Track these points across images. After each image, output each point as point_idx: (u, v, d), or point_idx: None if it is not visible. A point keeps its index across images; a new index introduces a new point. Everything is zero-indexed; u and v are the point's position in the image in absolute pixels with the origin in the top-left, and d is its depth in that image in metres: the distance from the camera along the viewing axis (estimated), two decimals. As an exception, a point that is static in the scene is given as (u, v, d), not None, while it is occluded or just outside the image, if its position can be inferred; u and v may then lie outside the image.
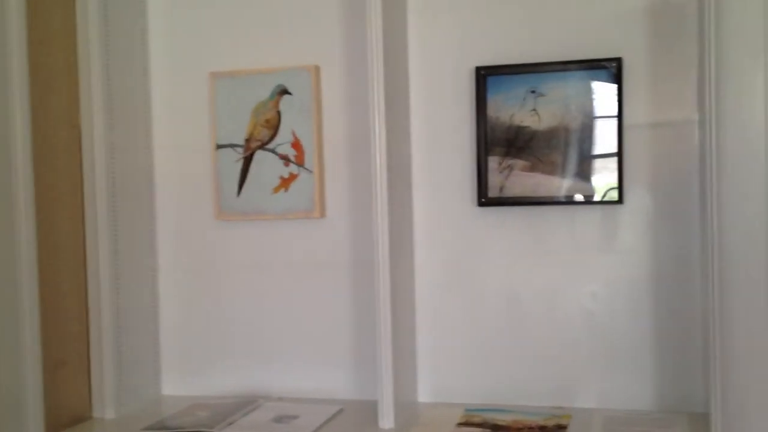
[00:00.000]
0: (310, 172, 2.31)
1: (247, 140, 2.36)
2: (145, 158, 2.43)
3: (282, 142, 2.34)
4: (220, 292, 2.45)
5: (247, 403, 2.29)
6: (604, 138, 2.10)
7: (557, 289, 2.19)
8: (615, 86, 2.08)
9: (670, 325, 2.11)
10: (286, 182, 2.34)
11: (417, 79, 2.26)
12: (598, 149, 2.11)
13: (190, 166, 2.45)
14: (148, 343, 2.45)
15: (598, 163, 2.11)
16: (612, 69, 2.08)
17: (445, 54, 2.24)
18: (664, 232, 2.11)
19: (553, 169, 2.14)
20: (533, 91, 2.14)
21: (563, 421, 2.03)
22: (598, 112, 2.10)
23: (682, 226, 2.09)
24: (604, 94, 2.09)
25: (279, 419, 2.15)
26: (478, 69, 2.18)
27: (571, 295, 2.18)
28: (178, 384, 2.49)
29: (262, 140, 2.35)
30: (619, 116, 2.08)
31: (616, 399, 2.15)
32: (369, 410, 2.16)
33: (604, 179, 2.10)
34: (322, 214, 2.33)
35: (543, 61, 2.13)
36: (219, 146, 2.39)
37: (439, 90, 2.25)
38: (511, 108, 2.16)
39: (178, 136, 2.45)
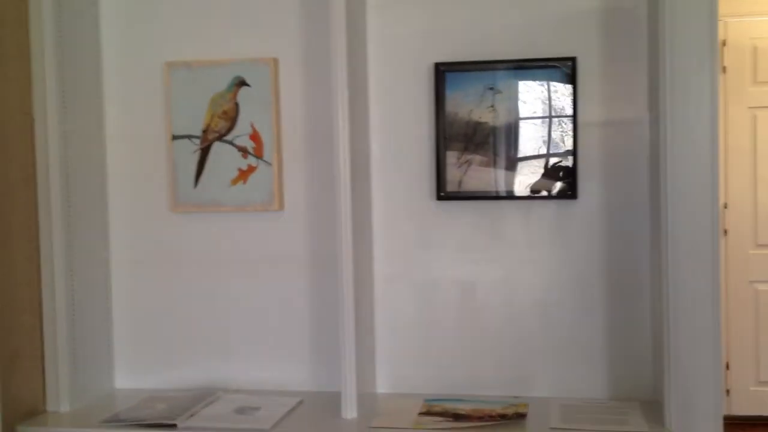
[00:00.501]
0: (269, 164, 2.32)
1: (204, 131, 2.35)
2: (98, 149, 2.39)
3: (240, 133, 2.33)
4: (175, 285, 2.43)
5: (205, 396, 2.28)
6: (560, 135, 2.17)
7: (512, 281, 2.26)
8: (570, 85, 2.15)
9: (621, 317, 2.20)
10: (244, 174, 2.34)
11: (376, 73, 2.29)
12: (553, 146, 2.17)
13: (145, 157, 2.41)
14: (102, 336, 2.41)
15: (552, 159, 2.18)
16: (566, 68, 2.15)
17: (405, 49, 2.27)
18: (616, 226, 2.19)
19: (509, 164, 2.20)
20: (491, 88, 2.20)
21: (521, 410, 2.10)
22: (553, 110, 2.17)
23: (633, 221, 2.18)
24: (559, 93, 2.16)
25: (241, 410, 2.16)
26: (438, 65, 2.22)
27: (525, 287, 2.25)
28: (132, 378, 2.46)
29: (220, 132, 2.34)
30: (574, 114, 2.16)
31: (570, 388, 2.23)
32: (329, 401, 2.20)
33: (559, 175, 2.18)
34: (281, 207, 2.34)
35: (501, 59, 2.19)
36: (175, 137, 2.36)
37: (399, 85, 2.28)
38: (470, 104, 2.21)
39: (133, 127, 2.41)
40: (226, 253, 2.39)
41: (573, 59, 2.15)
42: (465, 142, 2.22)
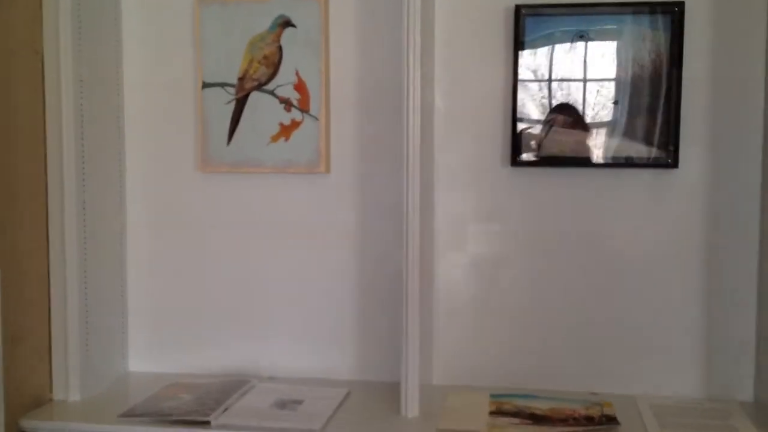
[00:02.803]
0: (316, 119, 2.00)
1: (241, 79, 2.02)
2: (115, 97, 2.06)
3: (283, 83, 2.00)
4: (202, 255, 2.11)
5: (237, 384, 1.97)
6: (661, 94, 1.85)
7: (593, 262, 1.96)
8: (675, 34, 1.83)
9: (720, 306, 1.91)
10: (286, 130, 2.01)
11: (444, 15, 1.95)
12: (652, 107, 1.86)
13: (170, 108, 2.09)
14: (116, 312, 2.10)
15: (650, 122, 1.87)
16: (673, 14, 1.83)
17: (479, -12, 1.95)
18: (720, 202, 1.89)
19: (599, 126, 1.89)
20: (582, 36, 1.88)
21: (608, 411, 1.80)
22: (655, 63, 1.85)
23: (742, 197, 1.88)
24: (662, 43, 1.84)
25: (281, 404, 1.85)
26: (518, 7, 1.89)
27: (608, 269, 1.95)
28: (149, 360, 2.15)
29: (260, 80, 2.01)
30: (679, 68, 1.84)
31: (655, 384, 1.95)
32: (380, 394, 1.93)
33: (658, 140, 1.87)
34: (328, 169, 2.02)
35: (594, 1, 1.87)
36: (206, 85, 2.04)
37: (471, 30, 1.95)
38: (556, 54, 1.89)
39: (157, 72, 2.08)
40: (262, 220, 2.07)
41: (681, 4, 1.83)
42: (547, 98, 1.90)
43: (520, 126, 1.91)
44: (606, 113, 1.88)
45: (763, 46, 1.83)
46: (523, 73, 1.90)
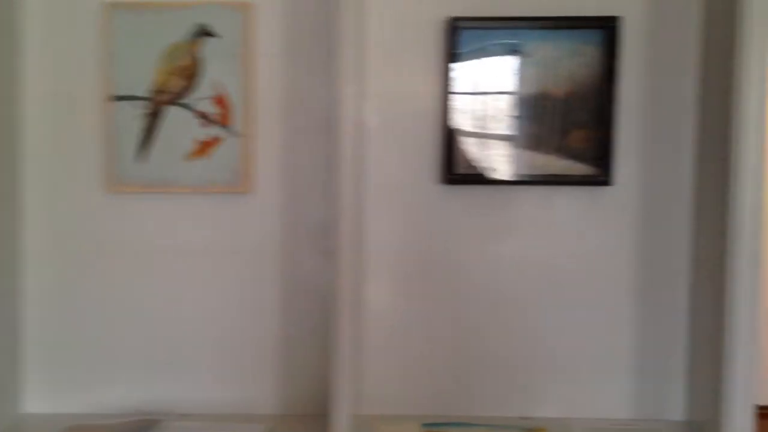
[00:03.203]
0: (238, 135, 1.87)
1: (155, 92, 1.87)
2: (10, 110, 1.87)
3: (202, 96, 1.87)
4: (108, 284, 1.93)
5: (144, 425, 1.80)
6: (596, 109, 1.82)
7: (525, 285, 1.89)
8: (610, 50, 1.81)
9: (651, 328, 1.88)
10: (205, 147, 1.87)
11: (375, 27, 1.86)
12: (587, 122, 1.82)
13: (74, 122, 1.90)
14: (6, 348, 1.89)
15: (585, 138, 1.83)
16: (608, 30, 1.80)
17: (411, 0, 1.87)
18: (653, 220, 1.87)
19: (533, 142, 1.84)
20: (516, 51, 1.83)
21: (544, 437, 1.74)
22: (590, 79, 1.82)
23: (674, 215, 1.86)
24: (597, 59, 1.81)
25: (199, 445, 1.70)
26: (452, 20, 1.83)
27: (540, 291, 1.89)
28: (47, 400, 1.95)
29: (175, 93, 1.87)
30: (614, 84, 1.81)
31: (586, 406, 1.90)
32: (304, 428, 1.81)
33: (592, 157, 1.83)
34: (250, 189, 1.89)
35: (528, 15, 1.82)
36: (116, 98, 1.88)
37: (403, 43, 1.86)
38: (489, 68, 1.83)
39: (59, 83, 1.90)
40: (176, 244, 1.92)
41: (616, 19, 1.81)
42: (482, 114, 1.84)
43: (454, 142, 1.84)
44: (540, 129, 1.83)
45: (697, 63, 1.82)
46: (457, 86, 1.83)
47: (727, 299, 1.61)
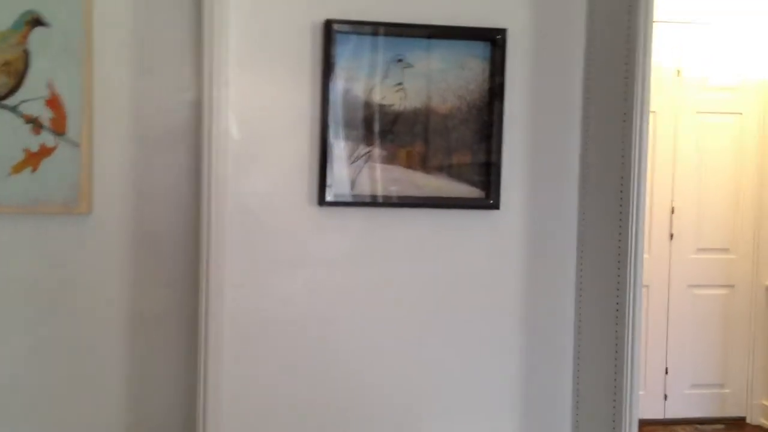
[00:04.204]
0: (75, 145, 1.57)
1: (-30, 91, 1.55)
2: None
3: (30, 97, 1.56)
4: None
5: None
6: (481, 127, 1.68)
7: (409, 315, 1.73)
8: (497, 64, 1.68)
9: (536, 360, 1.78)
10: (34, 158, 1.57)
11: (241, 27, 1.62)
12: (472, 141, 1.68)
13: None
14: None
15: (471, 158, 1.69)
16: (494, 42, 1.67)
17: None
18: (540, 244, 1.76)
19: (417, 162, 1.67)
20: (400, 60, 1.66)
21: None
22: (476, 93, 1.68)
23: (561, 238, 1.76)
24: (485, 71, 1.68)
25: None
26: (328, 23, 1.63)
27: (422, 323, 1.74)
28: None
29: (-3, 93, 1.56)
30: (501, 102, 1.68)
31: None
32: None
33: (478, 179, 1.69)
34: (89, 208, 1.60)
35: (414, 23, 1.66)
36: None
37: (272, 46, 1.64)
38: (370, 79, 1.65)
39: None
40: (-2, 276, 1.60)
41: (502, 31, 1.68)
42: (361, 129, 1.65)
43: (330, 160, 1.64)
44: (423, 148, 1.67)
45: (580, 84, 1.74)
46: (333, 98, 1.63)
47: (617, 322, 1.54)
